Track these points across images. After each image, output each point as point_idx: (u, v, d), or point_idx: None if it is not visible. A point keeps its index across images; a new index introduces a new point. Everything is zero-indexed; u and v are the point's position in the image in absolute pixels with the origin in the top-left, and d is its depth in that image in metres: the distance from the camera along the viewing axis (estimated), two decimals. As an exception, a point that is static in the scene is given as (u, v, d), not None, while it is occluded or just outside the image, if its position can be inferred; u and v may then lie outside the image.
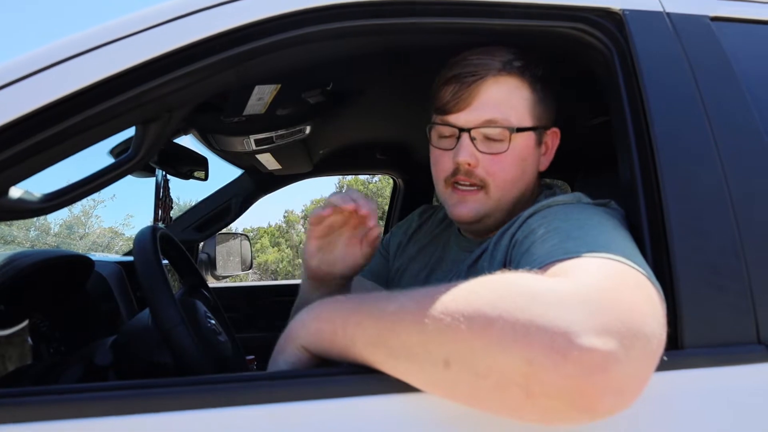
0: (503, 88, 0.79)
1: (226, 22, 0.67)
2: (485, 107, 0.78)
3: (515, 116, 0.79)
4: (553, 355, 0.42)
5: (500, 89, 0.79)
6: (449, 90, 0.80)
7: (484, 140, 0.80)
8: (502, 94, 0.79)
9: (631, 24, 0.74)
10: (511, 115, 0.79)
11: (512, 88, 0.79)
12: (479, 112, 0.79)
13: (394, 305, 0.52)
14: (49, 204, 0.70)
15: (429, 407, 0.53)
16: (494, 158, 0.79)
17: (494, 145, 0.79)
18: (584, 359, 0.42)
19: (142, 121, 0.71)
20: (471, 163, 0.79)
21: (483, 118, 0.78)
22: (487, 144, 0.80)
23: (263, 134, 1.39)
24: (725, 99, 0.70)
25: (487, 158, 0.79)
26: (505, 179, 0.80)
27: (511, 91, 0.79)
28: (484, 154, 0.79)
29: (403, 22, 0.74)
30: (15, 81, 0.61)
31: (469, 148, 0.79)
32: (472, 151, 0.79)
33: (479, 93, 0.78)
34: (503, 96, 0.79)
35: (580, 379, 0.42)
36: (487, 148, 0.79)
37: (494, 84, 0.79)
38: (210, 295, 1.09)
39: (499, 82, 0.79)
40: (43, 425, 0.50)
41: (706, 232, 0.62)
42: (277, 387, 0.53)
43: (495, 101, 0.79)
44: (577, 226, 0.61)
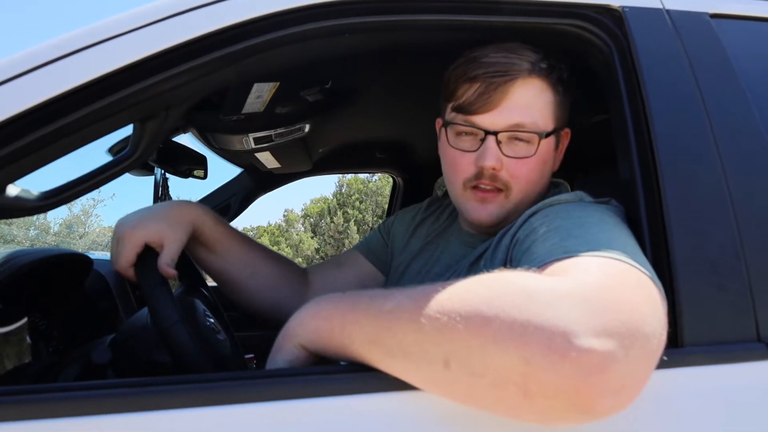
0: (531, 91, 0.77)
1: (224, 18, 0.67)
2: (513, 110, 0.76)
3: (542, 120, 0.78)
4: (551, 354, 0.42)
5: (528, 92, 0.77)
6: (474, 89, 0.77)
7: (510, 143, 0.77)
8: (530, 97, 0.77)
9: (630, 21, 0.74)
10: (538, 119, 0.77)
11: (539, 90, 0.78)
12: (507, 114, 0.76)
13: (391, 303, 0.52)
14: (46, 202, 0.70)
15: (427, 406, 0.52)
16: (519, 162, 0.77)
17: (520, 148, 0.77)
18: (583, 359, 0.42)
19: (140, 118, 0.71)
20: (497, 168, 0.77)
21: (512, 121, 0.76)
22: (513, 147, 0.77)
23: (262, 132, 1.38)
24: (725, 96, 0.70)
25: (512, 162, 0.77)
26: (528, 183, 0.79)
27: (538, 94, 0.77)
28: (510, 158, 0.77)
29: (402, 19, 0.74)
30: (12, 78, 0.60)
31: (496, 152, 0.76)
32: (499, 156, 0.76)
33: (508, 95, 0.76)
34: (531, 99, 0.77)
35: (578, 379, 0.42)
36: (513, 152, 0.77)
37: (523, 86, 0.76)
38: (209, 294, 1.08)
39: (527, 84, 0.76)
40: (43, 423, 0.50)
41: (705, 231, 0.62)
42: (275, 385, 0.53)
43: (523, 104, 0.76)
44: (578, 224, 0.61)
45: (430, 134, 1.84)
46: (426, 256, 0.96)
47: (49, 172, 0.75)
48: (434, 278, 0.89)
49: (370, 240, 1.10)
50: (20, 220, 12.08)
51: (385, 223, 1.11)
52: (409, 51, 1.00)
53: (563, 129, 0.84)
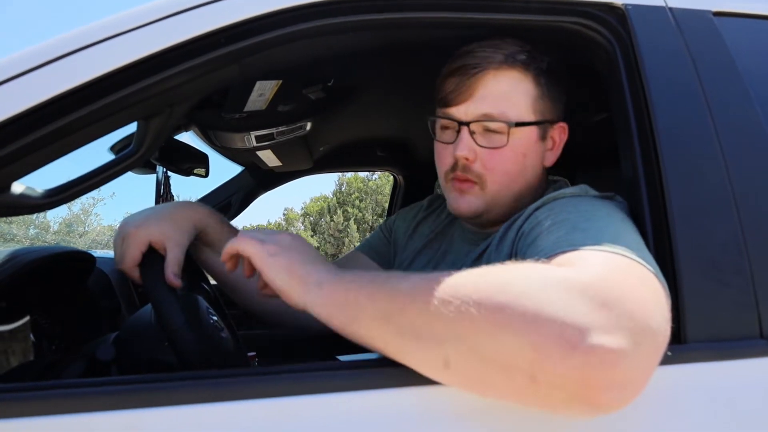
0: (504, 82, 0.78)
1: (228, 16, 0.67)
2: (484, 101, 0.78)
3: (515, 110, 0.78)
4: (562, 344, 0.43)
5: (500, 82, 0.78)
6: (451, 82, 0.79)
7: (484, 133, 0.79)
8: (502, 88, 0.78)
9: (633, 19, 0.74)
10: (509, 109, 0.78)
11: (514, 81, 0.78)
12: (477, 105, 0.78)
13: (407, 284, 0.52)
14: (51, 200, 0.70)
15: (434, 402, 0.53)
16: (493, 152, 0.78)
17: (493, 138, 0.78)
18: (594, 353, 0.42)
19: (144, 116, 0.71)
20: (469, 158, 0.78)
21: (480, 111, 0.78)
22: (487, 137, 0.79)
23: (264, 131, 1.39)
24: (728, 94, 0.70)
25: (485, 152, 0.78)
26: (503, 174, 0.79)
27: (512, 85, 0.78)
28: (483, 148, 0.78)
29: (406, 16, 0.74)
30: (17, 76, 0.61)
31: (468, 142, 0.78)
32: (472, 146, 0.78)
33: (479, 86, 0.77)
34: (503, 89, 0.78)
35: (586, 372, 0.42)
36: (487, 142, 0.78)
37: (494, 77, 0.78)
38: (211, 290, 1.08)
39: (500, 75, 0.78)
40: (47, 420, 0.50)
41: (708, 228, 0.62)
42: (278, 382, 0.53)
43: (494, 95, 0.78)
44: (585, 218, 0.61)
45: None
46: (429, 254, 0.96)
47: (52, 171, 0.75)
48: None
49: (372, 239, 1.10)
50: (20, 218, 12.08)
51: (387, 222, 1.11)
52: (411, 49, 1.00)
53: (553, 123, 0.84)
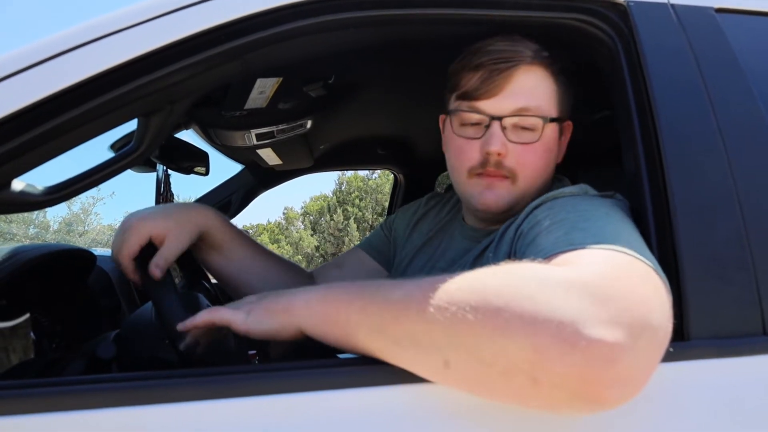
0: (534, 77, 0.78)
1: (229, 12, 0.67)
2: (518, 95, 0.77)
3: (546, 106, 0.78)
4: (561, 343, 0.42)
5: (531, 78, 0.78)
6: (477, 76, 0.78)
7: (515, 129, 0.78)
8: (534, 83, 0.78)
9: (635, 15, 0.74)
10: (542, 104, 0.78)
11: (541, 77, 0.79)
12: (512, 99, 0.77)
13: (400, 293, 0.52)
14: (51, 197, 0.70)
15: (432, 399, 0.52)
16: (525, 148, 0.77)
17: (525, 134, 0.78)
18: (592, 349, 0.42)
19: (144, 113, 0.71)
20: (502, 153, 0.77)
21: (516, 105, 0.77)
22: (518, 133, 0.78)
23: (264, 129, 1.39)
24: (730, 91, 0.70)
25: (517, 148, 0.77)
26: (533, 170, 0.79)
27: (540, 81, 0.79)
28: (515, 143, 0.77)
29: (407, 13, 0.74)
30: (17, 72, 0.60)
31: (501, 137, 0.77)
32: (504, 141, 0.77)
33: (512, 80, 0.77)
34: (534, 85, 0.78)
35: (587, 369, 0.42)
36: (518, 138, 0.77)
37: (526, 72, 0.77)
38: (211, 287, 1.08)
39: (530, 70, 0.78)
40: (49, 417, 0.50)
41: (711, 224, 0.62)
42: (278, 378, 0.53)
43: (528, 89, 0.77)
44: (584, 217, 0.61)
45: (432, 131, 1.83)
46: (429, 251, 0.96)
47: (52, 168, 0.75)
48: (438, 272, 0.89)
49: (373, 238, 1.10)
50: (20, 217, 12.08)
51: (387, 221, 1.11)
52: (413, 46, 1.00)
53: (566, 120, 0.85)
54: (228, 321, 0.61)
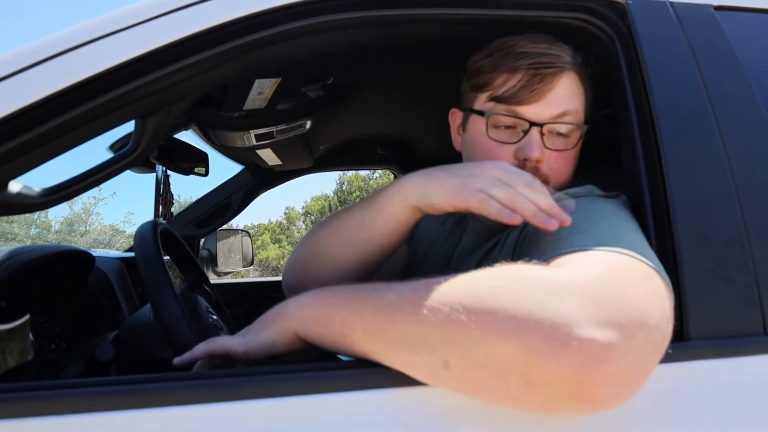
0: (572, 84, 0.77)
1: (227, 13, 0.67)
2: (560, 101, 0.75)
3: (581, 112, 0.78)
4: (554, 343, 0.42)
5: (571, 84, 0.77)
6: (517, 79, 0.75)
7: (551, 136, 0.76)
8: (572, 89, 0.77)
9: (634, 14, 0.73)
10: (579, 111, 0.77)
11: (577, 83, 0.78)
12: (553, 105, 0.75)
13: (393, 295, 0.51)
14: (48, 198, 0.70)
15: (427, 401, 0.52)
16: (559, 155, 0.76)
17: (560, 141, 0.77)
18: (584, 349, 0.42)
19: (142, 114, 0.71)
20: (540, 160, 0.75)
21: (557, 112, 0.75)
22: (554, 140, 0.77)
23: (264, 129, 1.39)
24: (730, 89, 0.70)
25: (552, 155, 0.76)
26: (564, 175, 0.78)
27: (577, 87, 0.78)
28: (550, 150, 0.76)
29: (405, 13, 0.74)
30: (14, 73, 0.60)
31: (540, 143, 0.75)
32: (542, 147, 0.75)
33: (555, 86, 0.75)
34: (573, 91, 0.77)
35: (579, 368, 0.42)
36: (554, 145, 0.76)
37: (568, 78, 0.76)
38: (211, 291, 1.08)
39: (571, 77, 0.77)
40: (46, 420, 0.50)
41: (711, 223, 0.62)
42: (278, 382, 0.53)
43: (567, 96, 0.76)
44: (586, 218, 0.61)
45: (432, 130, 1.83)
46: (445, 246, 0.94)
47: (50, 170, 0.75)
48: (451, 269, 0.88)
49: None
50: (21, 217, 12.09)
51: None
52: (412, 46, 1.00)
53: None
54: (226, 348, 0.61)
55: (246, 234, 2.26)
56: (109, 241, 13.96)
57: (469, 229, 0.92)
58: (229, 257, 2.16)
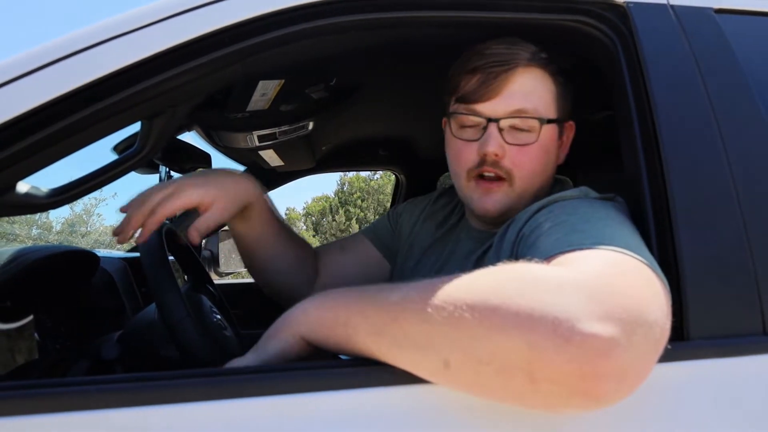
0: (531, 79, 0.79)
1: (231, 16, 0.68)
2: (515, 97, 0.78)
3: (543, 107, 0.79)
4: (556, 339, 0.43)
5: (528, 80, 0.79)
6: (475, 79, 0.79)
7: (511, 131, 0.79)
8: (531, 85, 0.79)
9: (635, 16, 0.74)
10: (540, 105, 0.79)
11: (539, 79, 0.80)
12: (509, 101, 0.78)
13: (398, 295, 0.52)
14: (56, 199, 0.70)
15: (432, 399, 0.53)
16: (521, 149, 0.79)
17: (522, 136, 0.79)
18: (586, 343, 0.42)
19: (148, 115, 0.71)
20: (499, 154, 0.78)
21: (513, 107, 0.78)
22: (515, 135, 0.79)
23: (266, 130, 1.39)
24: (730, 91, 0.70)
25: (513, 149, 0.78)
26: (530, 171, 0.80)
27: (538, 82, 0.79)
28: (512, 145, 0.78)
29: (407, 15, 0.74)
30: (22, 76, 0.61)
31: (498, 138, 0.78)
32: (501, 142, 0.78)
33: (509, 82, 0.78)
34: (532, 86, 0.79)
35: (582, 363, 0.42)
36: (515, 139, 0.79)
37: (523, 74, 0.78)
38: (215, 291, 1.09)
39: (528, 72, 0.79)
40: (54, 417, 0.50)
41: (711, 224, 0.62)
42: (282, 379, 0.53)
43: (525, 91, 0.78)
44: (584, 219, 0.61)
45: (433, 131, 1.83)
46: (437, 253, 0.96)
47: (55, 171, 0.75)
48: (446, 273, 0.89)
49: (378, 227, 1.10)
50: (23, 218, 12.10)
51: (395, 211, 1.10)
52: (413, 48, 1.00)
53: (566, 121, 0.85)
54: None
55: (248, 235, 2.26)
56: (110, 242, 13.96)
57: (463, 235, 0.93)
58: (231, 258, 2.16)
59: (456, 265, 0.89)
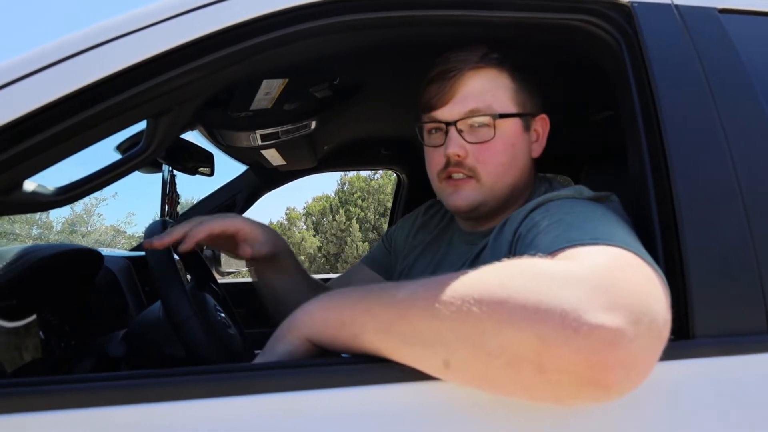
0: (482, 79, 0.82)
1: (236, 15, 0.68)
2: (467, 99, 0.82)
3: (497, 104, 0.82)
4: (564, 330, 0.43)
5: (479, 80, 0.82)
6: (433, 88, 0.84)
7: (471, 130, 0.82)
8: (482, 85, 0.82)
9: (639, 16, 0.74)
10: (492, 102, 0.82)
11: (491, 77, 0.83)
12: (461, 104, 0.82)
13: (404, 292, 0.53)
14: (62, 197, 0.71)
15: (440, 396, 0.53)
16: (483, 146, 0.82)
17: (481, 133, 0.82)
18: (594, 334, 0.43)
19: (154, 114, 0.72)
20: (460, 155, 0.82)
21: (466, 108, 0.81)
22: (474, 134, 0.82)
23: (269, 129, 1.39)
24: (734, 91, 0.70)
25: (475, 147, 0.82)
26: (495, 165, 0.83)
27: (491, 81, 0.83)
28: (473, 144, 0.82)
29: (411, 14, 0.75)
30: (29, 74, 0.61)
31: (457, 140, 0.82)
32: (461, 143, 0.82)
33: (459, 86, 0.82)
34: (483, 86, 0.82)
35: (591, 353, 0.43)
36: (475, 138, 0.82)
37: (473, 76, 0.82)
38: (218, 289, 1.09)
39: (478, 73, 0.82)
40: (60, 414, 0.50)
41: (716, 223, 0.62)
42: (287, 376, 0.54)
43: (475, 92, 0.82)
44: (581, 218, 0.62)
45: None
46: (429, 257, 0.97)
47: (57, 169, 0.75)
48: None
49: (375, 252, 1.13)
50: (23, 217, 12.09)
51: (388, 234, 1.14)
52: (416, 47, 1.00)
53: (535, 115, 0.87)
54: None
55: (249, 234, 2.27)
56: (110, 241, 13.98)
57: (455, 237, 0.95)
58: (232, 258, 2.16)
59: (450, 267, 0.90)
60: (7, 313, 0.84)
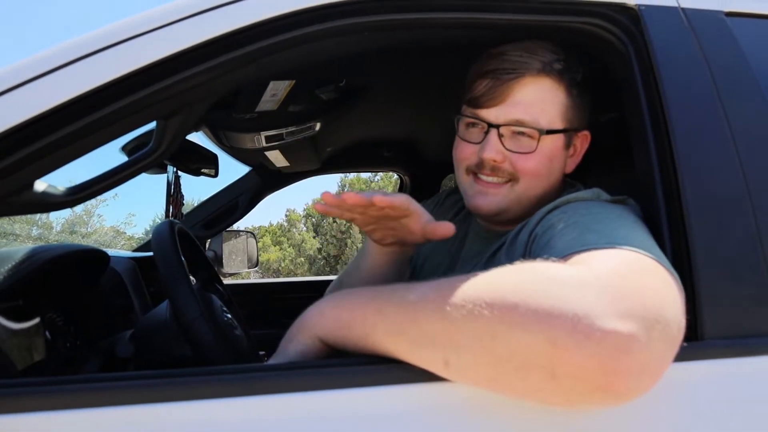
0: (539, 89, 0.79)
1: (245, 17, 0.68)
2: (517, 106, 0.78)
3: (546, 118, 0.79)
4: (577, 335, 0.43)
5: (535, 90, 0.79)
6: (483, 84, 0.80)
7: (512, 137, 0.80)
8: (537, 95, 0.79)
9: (646, 19, 0.74)
10: (541, 117, 0.79)
11: (547, 89, 0.79)
12: (511, 110, 0.79)
13: (415, 294, 0.53)
14: (72, 197, 0.71)
15: (449, 397, 0.53)
16: (521, 156, 0.79)
17: (522, 143, 0.79)
18: (607, 340, 0.43)
19: (164, 115, 0.72)
20: (497, 160, 0.79)
21: (513, 117, 0.78)
22: (515, 141, 0.80)
23: (274, 131, 1.40)
24: (741, 93, 0.71)
25: (514, 156, 0.80)
26: (533, 177, 0.81)
27: (546, 93, 0.79)
28: (511, 152, 0.79)
29: (420, 17, 0.75)
30: (40, 75, 0.61)
31: (497, 144, 0.79)
32: (499, 148, 0.79)
33: (514, 91, 0.78)
34: (537, 97, 0.79)
35: (603, 359, 0.43)
36: (515, 146, 0.79)
37: (530, 84, 0.78)
38: (224, 290, 1.09)
39: (536, 82, 0.79)
40: (68, 414, 0.51)
41: (724, 225, 0.63)
42: (294, 377, 0.54)
43: (528, 101, 0.79)
44: (597, 220, 0.62)
45: (438, 133, 1.84)
46: (445, 249, 0.96)
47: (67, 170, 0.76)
48: (454, 273, 0.89)
49: None
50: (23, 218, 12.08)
51: None
52: (423, 49, 1.01)
53: (578, 131, 0.85)
54: None
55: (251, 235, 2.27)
56: (110, 242, 13.97)
57: (471, 234, 0.94)
58: (234, 258, 2.16)
59: (465, 267, 0.89)
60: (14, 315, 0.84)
